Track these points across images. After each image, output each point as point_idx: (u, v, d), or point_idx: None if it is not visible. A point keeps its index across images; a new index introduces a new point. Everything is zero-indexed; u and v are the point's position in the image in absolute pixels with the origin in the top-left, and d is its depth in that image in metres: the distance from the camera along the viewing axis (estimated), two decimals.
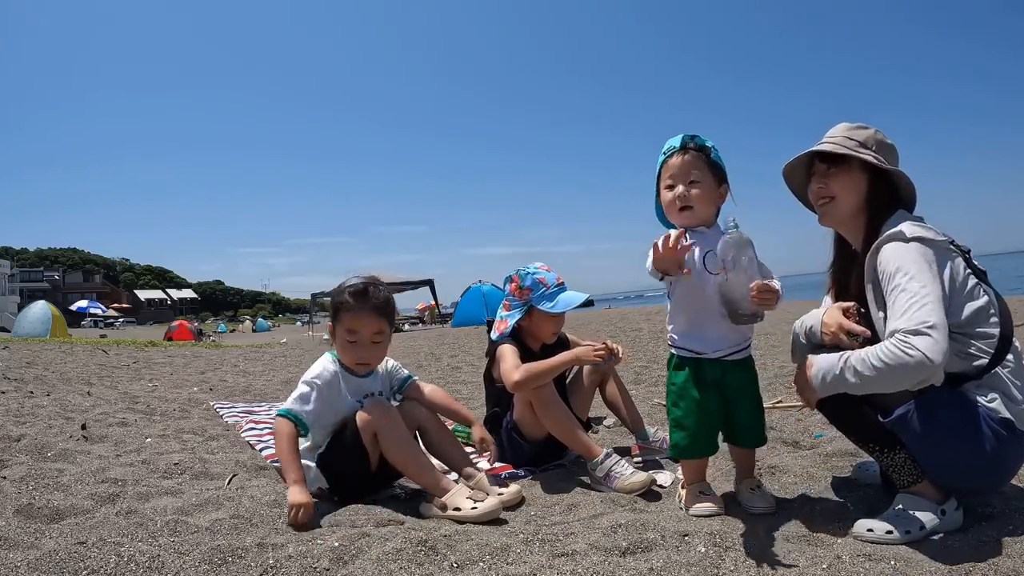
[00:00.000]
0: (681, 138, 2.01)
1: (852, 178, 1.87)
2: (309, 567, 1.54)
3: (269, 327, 46.59)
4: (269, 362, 9.06)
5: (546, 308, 2.58)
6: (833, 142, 1.88)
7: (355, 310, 2.18)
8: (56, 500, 1.99)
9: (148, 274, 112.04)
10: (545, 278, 2.64)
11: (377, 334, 2.22)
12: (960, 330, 1.66)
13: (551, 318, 2.63)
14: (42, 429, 3.10)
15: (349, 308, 2.19)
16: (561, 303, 2.59)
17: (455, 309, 23.06)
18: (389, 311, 2.26)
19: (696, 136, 2.01)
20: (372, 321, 2.20)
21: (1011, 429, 1.60)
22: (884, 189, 1.85)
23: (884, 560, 1.50)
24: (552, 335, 2.68)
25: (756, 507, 1.95)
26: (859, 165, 1.85)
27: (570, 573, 1.49)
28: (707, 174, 1.97)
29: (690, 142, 1.99)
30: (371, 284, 2.24)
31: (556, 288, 2.62)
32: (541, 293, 2.60)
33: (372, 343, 2.21)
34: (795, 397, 3.54)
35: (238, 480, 2.38)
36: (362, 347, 2.21)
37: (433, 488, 2.08)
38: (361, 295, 2.20)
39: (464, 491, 2.02)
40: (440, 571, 1.54)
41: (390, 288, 2.40)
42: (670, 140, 2.03)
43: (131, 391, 5.24)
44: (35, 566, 1.48)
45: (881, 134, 1.89)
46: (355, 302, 2.19)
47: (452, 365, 7.24)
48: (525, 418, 2.52)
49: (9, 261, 48.93)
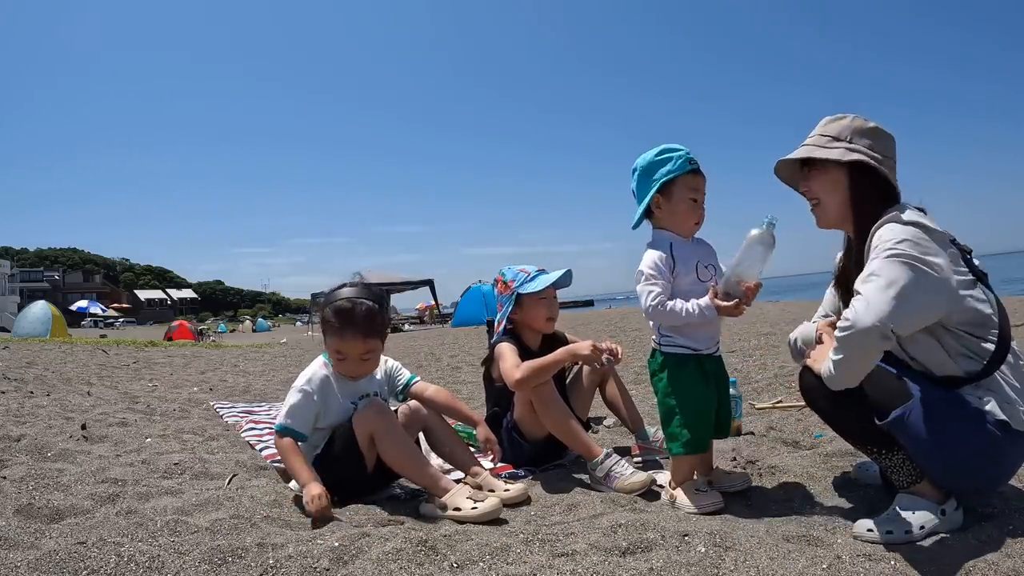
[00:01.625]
0: (688, 156, 2.04)
1: (830, 177, 1.81)
2: (309, 567, 1.54)
3: (269, 327, 46.60)
4: (269, 362, 9.06)
5: (529, 289, 2.64)
6: (805, 144, 1.85)
7: (340, 333, 2.13)
8: (56, 500, 1.99)
9: (148, 274, 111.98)
10: (525, 267, 2.74)
11: (366, 353, 2.18)
12: (959, 329, 1.65)
13: (539, 300, 2.66)
14: (42, 429, 3.10)
15: (334, 331, 2.14)
16: (540, 281, 2.66)
17: (455, 309, 23.05)
18: (376, 328, 2.17)
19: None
20: (358, 343, 2.15)
21: (1007, 430, 1.60)
22: (867, 181, 1.76)
23: (884, 560, 1.50)
24: (546, 321, 2.68)
25: (736, 485, 2.10)
26: (834, 164, 1.79)
27: (570, 573, 1.49)
28: None
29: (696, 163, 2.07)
30: (356, 301, 2.14)
31: (537, 272, 2.71)
32: (523, 280, 2.68)
33: (361, 360, 2.19)
34: (795, 397, 3.55)
35: (238, 480, 2.38)
36: (351, 363, 2.19)
37: (432, 488, 2.08)
38: (346, 315, 2.12)
39: (464, 491, 2.02)
40: (440, 571, 1.54)
41: (390, 288, 2.39)
42: (681, 147, 2.05)
43: (131, 391, 5.24)
44: (35, 566, 1.48)
45: (860, 119, 1.80)
46: (339, 324, 2.13)
47: (452, 365, 7.24)
48: (525, 418, 2.52)
49: (9, 261, 48.92)
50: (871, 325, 1.50)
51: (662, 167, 2.03)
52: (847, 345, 1.56)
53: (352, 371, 2.21)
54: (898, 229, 1.63)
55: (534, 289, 2.63)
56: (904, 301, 1.52)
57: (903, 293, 1.52)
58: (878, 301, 1.52)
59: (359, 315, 2.12)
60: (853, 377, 1.61)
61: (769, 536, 1.70)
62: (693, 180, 2.04)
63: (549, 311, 2.68)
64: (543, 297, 2.66)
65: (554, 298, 2.73)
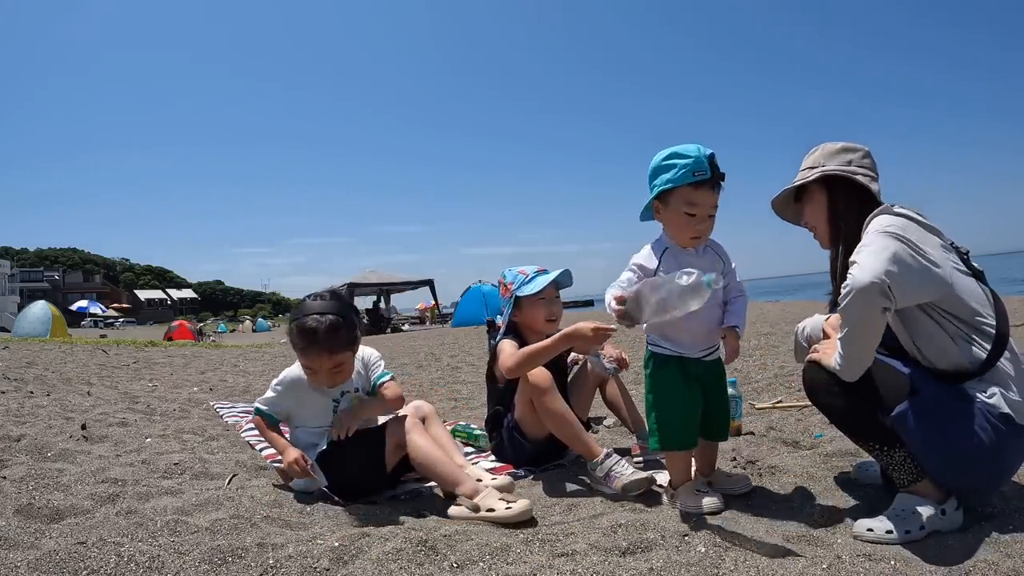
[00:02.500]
0: (710, 162, 1.90)
1: (814, 201, 1.95)
2: (309, 567, 1.54)
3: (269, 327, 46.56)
4: (269, 362, 9.06)
5: (526, 292, 2.63)
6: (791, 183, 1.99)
7: (305, 352, 2.16)
8: (56, 500, 1.99)
9: (148, 274, 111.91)
10: (524, 269, 2.72)
11: (335, 367, 2.19)
12: (958, 322, 1.68)
13: (538, 302, 2.64)
14: (42, 429, 3.10)
15: (300, 350, 2.18)
16: (537, 282, 2.65)
17: (455, 309, 23.06)
18: (341, 342, 2.16)
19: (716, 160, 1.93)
20: (324, 359, 2.16)
21: (1010, 423, 1.61)
22: (841, 189, 1.89)
23: (884, 560, 1.50)
24: (548, 322, 2.66)
25: (736, 488, 2.09)
26: (815, 188, 1.93)
27: (570, 573, 1.49)
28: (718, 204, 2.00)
29: (719, 173, 1.92)
30: (320, 318, 2.12)
31: (536, 273, 2.69)
32: (521, 282, 2.67)
33: (332, 373, 2.21)
34: (795, 397, 3.55)
35: (238, 480, 2.39)
36: (323, 376, 2.22)
37: (463, 490, 2.06)
38: (309, 334, 2.12)
39: (495, 492, 2.03)
40: (440, 571, 1.54)
41: (390, 288, 2.41)
42: (694, 154, 1.90)
43: (131, 391, 5.24)
44: (35, 566, 1.48)
45: (830, 144, 1.95)
46: (304, 344, 2.15)
47: (452, 365, 7.24)
48: (527, 418, 2.52)
49: (9, 261, 48.90)
50: (869, 282, 1.55)
51: (664, 173, 1.93)
52: (849, 309, 1.60)
53: (325, 383, 2.25)
54: (889, 218, 1.72)
55: (531, 291, 2.63)
56: (897, 262, 1.59)
57: (896, 256, 1.60)
58: (872, 262, 1.59)
59: (322, 333, 2.12)
60: (861, 353, 1.65)
61: (769, 536, 1.70)
62: (693, 194, 1.90)
63: (549, 312, 2.67)
64: (541, 298, 2.65)
65: (555, 298, 2.72)
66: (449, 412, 4.16)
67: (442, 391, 5.25)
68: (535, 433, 2.54)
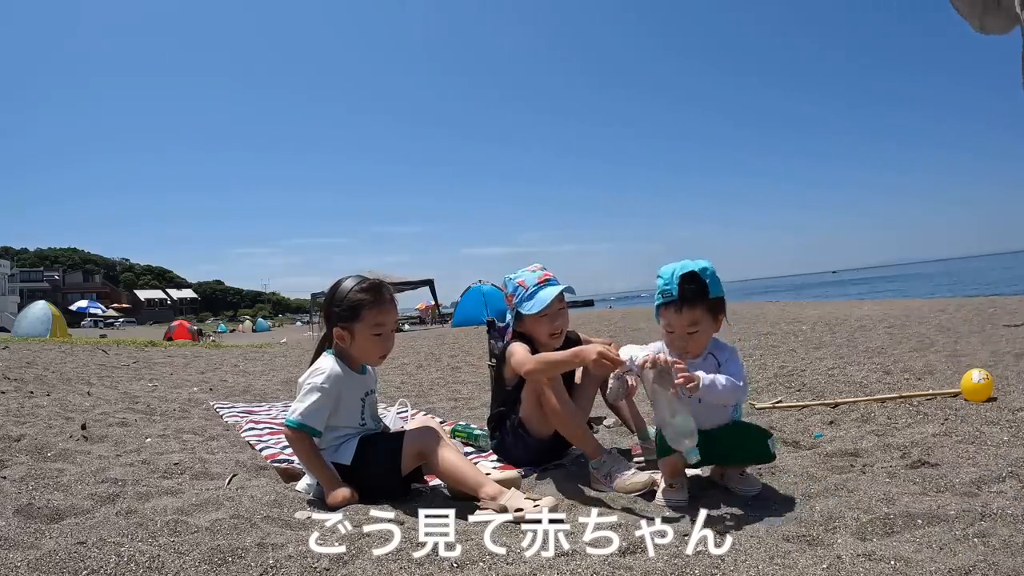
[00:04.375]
0: (679, 286, 1.96)
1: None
2: (309, 567, 1.54)
3: (269, 327, 46.60)
4: (269, 362, 9.06)
5: (525, 311, 2.58)
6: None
7: (379, 303, 2.23)
8: (56, 500, 1.99)
9: (148, 274, 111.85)
10: (525, 280, 2.62)
11: (394, 323, 2.30)
12: None
13: (538, 319, 2.59)
14: (42, 429, 3.10)
15: (371, 304, 2.22)
16: (537, 302, 2.56)
17: (455, 309, 23.05)
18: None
19: (693, 275, 1.97)
20: (393, 311, 2.28)
21: None
22: None
23: (884, 560, 1.50)
24: (549, 336, 2.61)
25: (749, 490, 2.09)
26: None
27: (570, 573, 1.49)
28: (706, 316, 2.01)
29: (688, 292, 1.96)
30: (371, 280, 2.26)
31: (536, 287, 2.60)
32: (522, 296, 2.60)
33: (391, 334, 2.28)
34: (795, 397, 3.55)
35: (238, 480, 2.38)
36: (388, 338, 2.27)
37: (487, 493, 2.06)
38: (377, 289, 2.24)
39: (519, 493, 2.02)
40: (440, 571, 1.54)
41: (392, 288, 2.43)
42: (666, 275, 2.01)
43: (131, 391, 5.24)
44: (35, 566, 1.48)
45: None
46: (374, 297, 2.22)
47: (452, 365, 7.24)
48: (533, 415, 2.52)
49: (9, 261, 48.95)
50: None
51: (659, 283, 2.06)
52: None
53: (387, 346, 2.29)
54: None
55: (530, 312, 2.57)
56: None
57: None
58: None
59: (387, 287, 2.25)
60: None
61: (769, 536, 1.70)
62: (666, 313, 2.03)
63: (552, 327, 2.60)
64: (544, 315, 2.58)
65: (560, 311, 2.62)
66: (449, 412, 4.16)
67: (442, 391, 5.25)
68: (540, 431, 2.54)
